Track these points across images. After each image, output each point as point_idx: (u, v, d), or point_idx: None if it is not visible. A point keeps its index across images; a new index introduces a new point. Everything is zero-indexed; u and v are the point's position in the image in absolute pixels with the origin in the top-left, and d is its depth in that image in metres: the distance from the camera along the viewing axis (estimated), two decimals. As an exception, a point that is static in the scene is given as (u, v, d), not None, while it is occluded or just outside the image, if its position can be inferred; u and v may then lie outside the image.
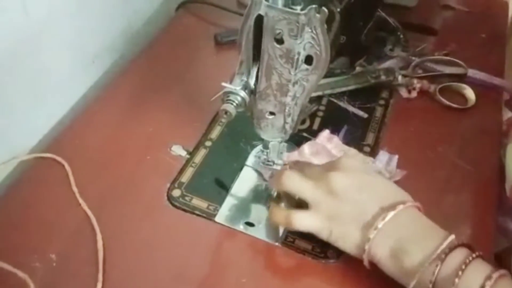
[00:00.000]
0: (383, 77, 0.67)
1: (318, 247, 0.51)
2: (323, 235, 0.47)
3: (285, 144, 0.59)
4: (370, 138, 0.62)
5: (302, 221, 0.47)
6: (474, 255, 0.41)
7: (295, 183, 0.48)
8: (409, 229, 0.44)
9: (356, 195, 0.46)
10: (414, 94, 0.67)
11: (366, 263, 0.45)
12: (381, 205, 0.45)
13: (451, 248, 0.41)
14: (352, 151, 0.58)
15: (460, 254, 0.41)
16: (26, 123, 0.61)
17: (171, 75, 0.70)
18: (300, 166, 0.52)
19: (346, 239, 0.46)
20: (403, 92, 0.67)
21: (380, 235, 0.44)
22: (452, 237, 0.42)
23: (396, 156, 0.58)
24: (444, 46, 0.74)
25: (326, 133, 0.59)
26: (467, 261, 0.40)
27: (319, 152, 0.57)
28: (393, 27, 0.74)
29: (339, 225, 0.46)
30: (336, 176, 0.46)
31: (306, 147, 0.57)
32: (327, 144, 0.58)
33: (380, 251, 0.44)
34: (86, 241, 0.50)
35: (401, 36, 0.74)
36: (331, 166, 0.48)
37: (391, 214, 0.44)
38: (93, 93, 0.70)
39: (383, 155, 0.58)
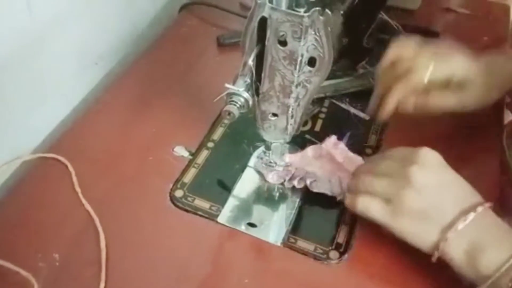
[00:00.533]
0: (385, 79, 0.67)
1: (320, 248, 0.51)
2: (390, 225, 0.46)
3: (287, 146, 0.59)
4: (372, 140, 0.62)
5: (368, 206, 0.47)
6: None
7: (372, 210, 0.47)
8: (486, 230, 0.44)
9: (435, 193, 0.45)
10: (415, 96, 0.67)
11: (435, 259, 0.45)
12: (460, 206, 0.45)
13: None
14: (358, 158, 0.58)
15: None
16: (30, 123, 0.62)
17: (174, 76, 0.70)
18: (373, 161, 0.52)
19: (419, 234, 0.46)
20: (405, 95, 0.67)
21: (457, 235, 0.43)
22: None
23: None
24: (446, 49, 0.74)
25: (333, 138, 0.59)
26: None
27: (323, 156, 0.58)
28: (395, 30, 0.74)
29: (413, 220, 0.45)
30: (416, 171, 0.46)
31: (310, 150, 0.57)
32: (333, 150, 0.58)
33: (455, 249, 0.44)
34: (89, 241, 0.51)
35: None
36: (409, 160, 0.47)
37: (471, 216, 0.43)
38: (96, 94, 0.70)
39: None
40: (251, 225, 0.53)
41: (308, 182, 0.56)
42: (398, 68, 0.56)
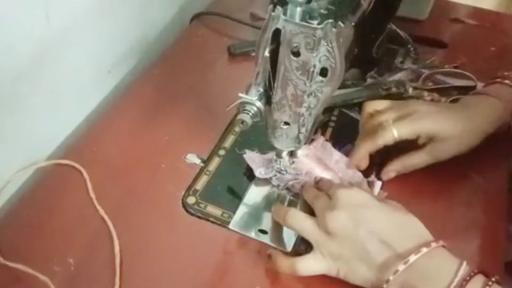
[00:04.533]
0: (394, 89, 0.68)
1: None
2: (332, 274, 0.48)
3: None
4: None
5: (308, 267, 0.48)
6: (490, 282, 0.41)
7: (297, 223, 0.50)
8: (417, 269, 0.43)
9: (353, 233, 0.46)
10: (424, 106, 0.68)
11: None
12: (382, 239, 0.45)
13: (466, 280, 0.41)
14: (345, 159, 0.60)
15: (476, 284, 0.42)
16: (44, 130, 0.63)
17: (186, 85, 0.71)
18: (306, 194, 0.54)
19: (355, 275, 0.47)
20: (414, 104, 0.68)
21: (396, 278, 0.44)
22: (464, 265, 0.42)
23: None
24: (454, 59, 0.75)
25: (321, 139, 0.61)
26: None
27: (309, 156, 0.60)
28: (404, 40, 0.75)
29: (344, 263, 0.47)
30: (331, 216, 0.47)
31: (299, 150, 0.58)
32: (321, 151, 0.60)
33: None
34: (103, 246, 0.52)
35: (412, 48, 0.75)
36: (331, 201, 0.49)
37: (401, 268, 0.43)
38: (110, 102, 0.72)
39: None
40: (262, 231, 0.54)
41: (290, 184, 0.58)
42: (372, 121, 0.58)
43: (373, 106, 0.59)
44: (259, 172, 0.58)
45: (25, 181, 0.61)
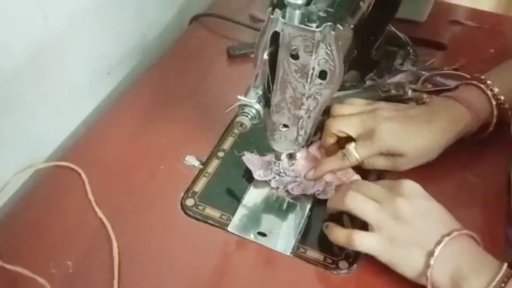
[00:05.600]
0: (393, 91, 0.68)
1: (329, 258, 0.52)
2: (384, 258, 0.48)
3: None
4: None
5: (364, 241, 0.48)
6: None
7: (359, 204, 0.49)
8: (466, 256, 0.45)
9: (420, 221, 0.47)
10: (423, 108, 0.68)
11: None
12: (441, 232, 0.46)
13: (508, 277, 0.43)
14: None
15: None
16: (43, 132, 0.63)
17: (185, 87, 0.71)
18: (358, 186, 0.52)
19: (407, 262, 0.47)
20: (413, 106, 0.68)
21: (439, 261, 0.45)
22: (505, 265, 0.44)
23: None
24: (453, 61, 0.75)
25: (318, 142, 0.61)
26: None
27: (307, 159, 0.60)
28: (403, 42, 0.75)
29: (402, 249, 0.47)
30: (403, 202, 0.48)
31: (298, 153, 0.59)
32: (319, 153, 0.60)
33: (440, 277, 0.45)
34: (101, 248, 0.52)
35: (411, 50, 0.75)
36: (395, 190, 0.49)
37: (446, 239, 0.45)
38: (109, 104, 0.72)
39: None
40: (261, 234, 0.54)
41: (289, 186, 0.58)
42: (335, 125, 0.57)
43: (341, 110, 0.59)
44: (258, 174, 0.58)
45: (23, 183, 0.61)
